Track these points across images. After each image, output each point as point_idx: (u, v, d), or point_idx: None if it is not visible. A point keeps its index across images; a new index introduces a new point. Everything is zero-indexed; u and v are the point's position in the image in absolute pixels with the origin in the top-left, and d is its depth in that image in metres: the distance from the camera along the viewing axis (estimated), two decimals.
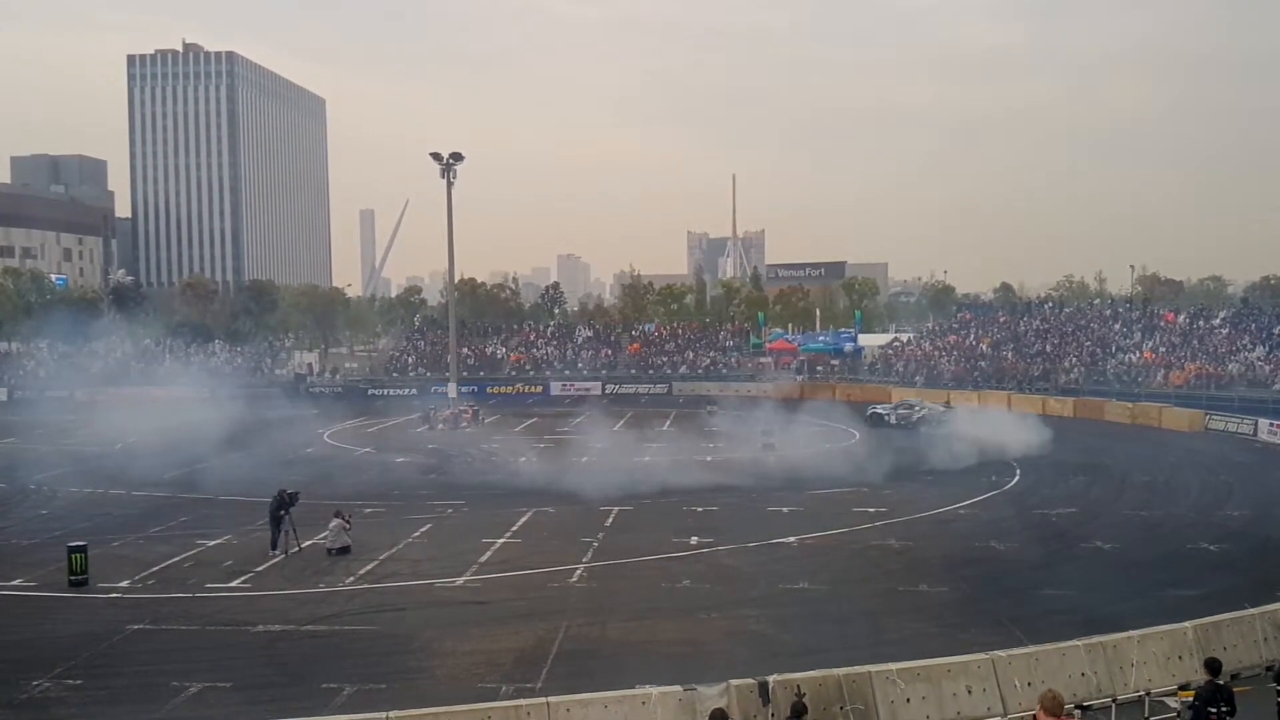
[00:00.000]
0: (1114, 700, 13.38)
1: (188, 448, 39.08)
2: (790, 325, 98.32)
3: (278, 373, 75.09)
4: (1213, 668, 11.42)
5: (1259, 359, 53.40)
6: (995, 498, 30.11)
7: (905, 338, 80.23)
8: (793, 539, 24.42)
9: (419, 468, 36.96)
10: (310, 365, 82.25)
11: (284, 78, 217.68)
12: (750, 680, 12.68)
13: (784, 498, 29.56)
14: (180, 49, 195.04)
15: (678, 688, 12.51)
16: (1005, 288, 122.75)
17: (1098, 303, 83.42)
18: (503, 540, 24.51)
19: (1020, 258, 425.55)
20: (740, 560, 22.68)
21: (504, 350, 76.82)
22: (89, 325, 78.39)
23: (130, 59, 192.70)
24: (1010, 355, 64.17)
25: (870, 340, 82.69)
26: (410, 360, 76.65)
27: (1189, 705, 11.66)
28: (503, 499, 29.81)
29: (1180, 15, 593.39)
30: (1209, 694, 11.04)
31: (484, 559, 22.73)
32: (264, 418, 50.13)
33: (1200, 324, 61.25)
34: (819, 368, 73.07)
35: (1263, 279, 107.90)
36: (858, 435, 44.03)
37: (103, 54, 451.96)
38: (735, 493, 30.60)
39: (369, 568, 22.07)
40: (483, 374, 71.57)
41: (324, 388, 69.31)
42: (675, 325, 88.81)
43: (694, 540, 24.40)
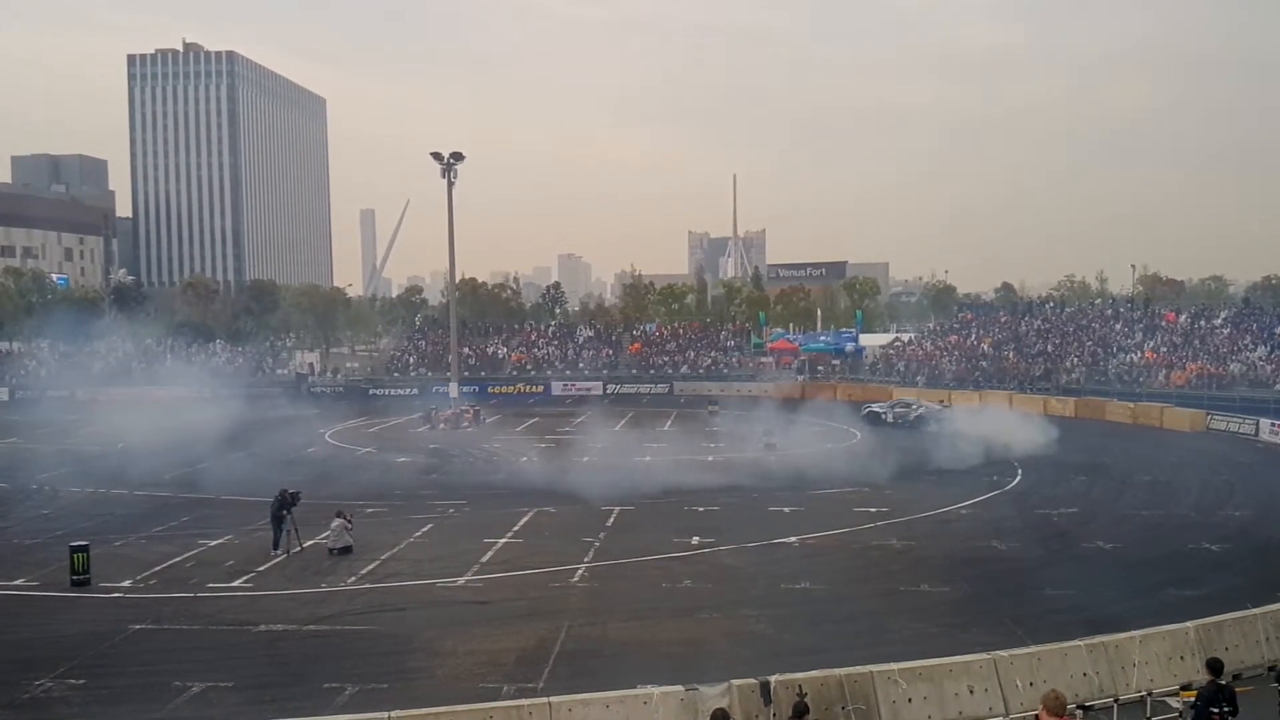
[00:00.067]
0: (1116, 700, 13.37)
1: (189, 448, 39.11)
2: (791, 325, 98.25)
3: (279, 372, 75.12)
4: (1214, 668, 11.41)
5: (1260, 359, 53.36)
6: (997, 497, 30.11)
7: (906, 338, 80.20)
8: (794, 539, 24.43)
9: (420, 468, 36.96)
10: (311, 365, 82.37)
11: (284, 77, 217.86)
12: (752, 680, 12.68)
13: (785, 498, 29.56)
14: (180, 49, 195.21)
15: (679, 688, 12.51)
16: (1006, 287, 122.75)
17: (1099, 303, 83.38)
18: (504, 540, 24.52)
19: (1021, 258, 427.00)
20: (741, 560, 22.68)
21: (505, 350, 76.81)
22: (90, 325, 78.38)
23: (130, 59, 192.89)
24: (1011, 355, 64.13)
25: (871, 340, 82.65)
26: (411, 360, 76.64)
27: (1191, 705, 11.65)
28: (504, 499, 29.81)
29: (1180, 15, 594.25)
30: (1211, 694, 11.03)
31: (485, 559, 22.74)
32: (265, 417, 50.18)
33: (1201, 324, 61.22)
34: (820, 367, 73.04)
35: (1264, 279, 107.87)
36: (859, 435, 44.05)
37: (103, 54, 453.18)
38: (736, 493, 30.59)
39: (370, 568, 22.09)
40: (484, 374, 71.57)
41: (325, 387, 69.36)
42: (676, 325, 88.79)
43: (695, 540, 24.41)
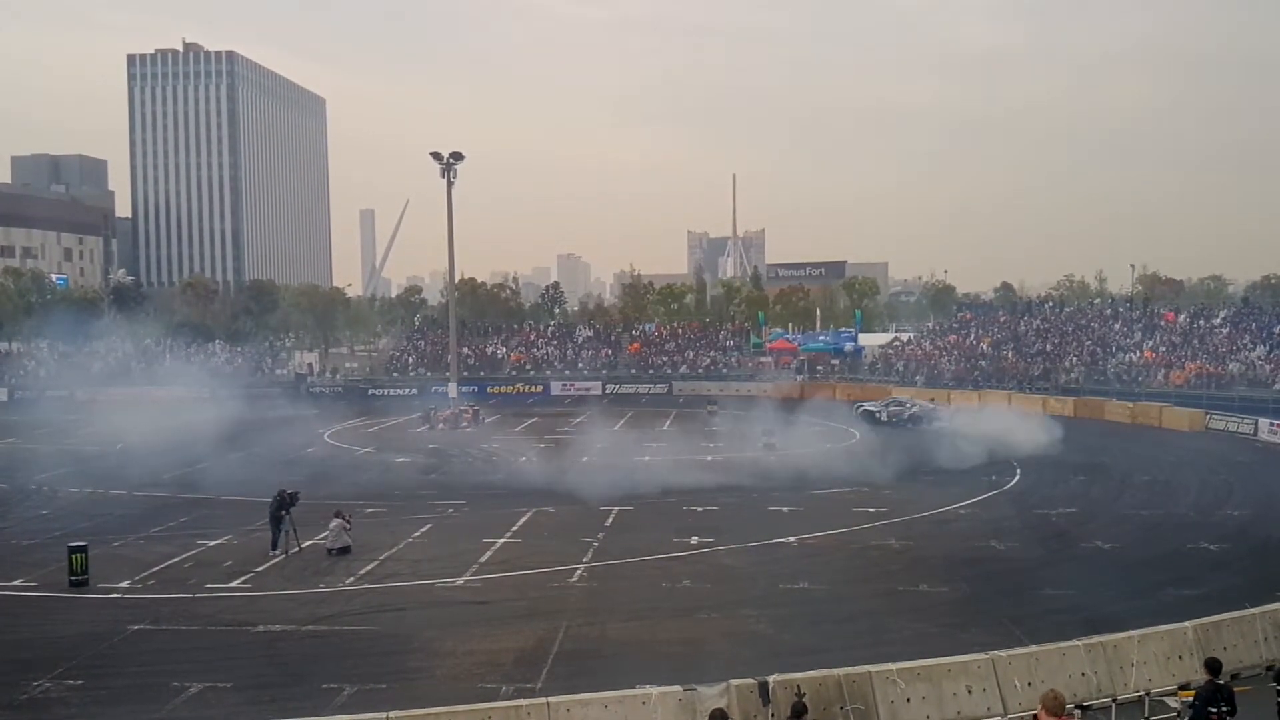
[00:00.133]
0: (1114, 700, 13.38)
1: (188, 448, 39.10)
2: (790, 325, 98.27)
3: (278, 373, 75.13)
4: (1213, 667, 11.43)
5: (1259, 358, 53.38)
6: (995, 497, 30.11)
7: (905, 337, 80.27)
8: (793, 539, 24.43)
9: (419, 468, 36.95)
10: (310, 365, 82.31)
11: (284, 77, 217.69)
12: (750, 680, 12.68)
13: (784, 498, 29.56)
14: (180, 49, 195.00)
15: (678, 688, 12.51)
16: (1005, 287, 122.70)
17: (1098, 302, 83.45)
18: (503, 540, 24.51)
19: (1020, 257, 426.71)
20: (740, 560, 22.68)
21: (504, 350, 76.82)
22: (89, 325, 78.41)
23: (130, 59, 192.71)
24: (1010, 355, 64.17)
25: (870, 340, 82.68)
26: (410, 360, 76.66)
27: (1189, 705, 11.65)
28: (503, 499, 29.81)
29: (1180, 15, 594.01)
30: (1209, 694, 11.04)
31: (484, 559, 22.74)
32: (264, 418, 50.20)
33: (1200, 323, 61.25)
34: (819, 367, 73.08)
35: (1263, 278, 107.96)
36: (858, 435, 44.07)
37: (103, 54, 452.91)
38: (735, 493, 30.58)
39: (369, 568, 22.08)
40: (483, 374, 71.59)
41: (324, 388, 69.33)
42: (675, 325, 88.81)
43: (694, 540, 24.40)
